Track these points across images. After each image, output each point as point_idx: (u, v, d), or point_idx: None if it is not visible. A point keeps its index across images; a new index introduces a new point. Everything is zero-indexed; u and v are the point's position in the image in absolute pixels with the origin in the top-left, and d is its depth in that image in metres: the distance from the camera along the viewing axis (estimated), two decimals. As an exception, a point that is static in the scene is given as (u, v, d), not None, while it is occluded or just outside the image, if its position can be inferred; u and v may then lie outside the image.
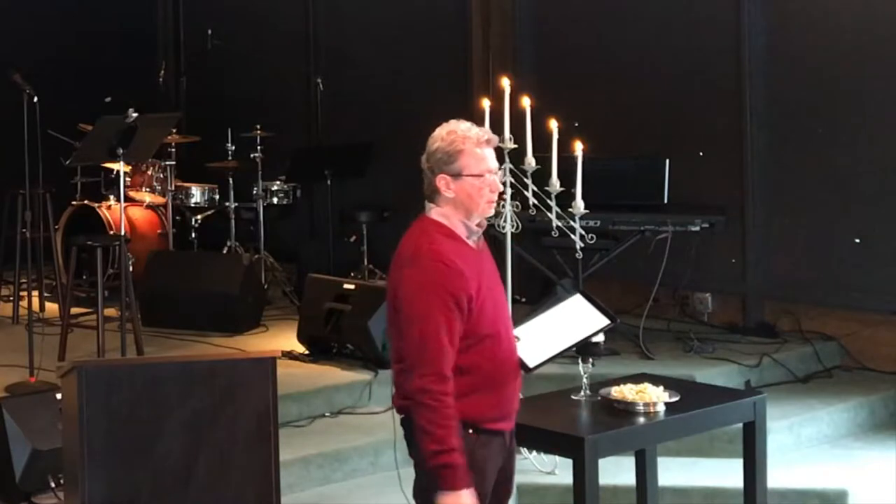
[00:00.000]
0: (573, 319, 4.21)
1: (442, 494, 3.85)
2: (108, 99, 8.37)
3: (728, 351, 7.34)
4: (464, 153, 4.01)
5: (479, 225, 4.10)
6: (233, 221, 9.19)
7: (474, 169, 4.02)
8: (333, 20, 10.30)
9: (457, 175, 4.01)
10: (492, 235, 7.47)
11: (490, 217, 5.93)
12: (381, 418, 6.48)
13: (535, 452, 6.11)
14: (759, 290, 7.94)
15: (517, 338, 4.15)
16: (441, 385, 3.87)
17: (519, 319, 4.41)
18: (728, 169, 7.98)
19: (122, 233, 7.33)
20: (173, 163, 9.04)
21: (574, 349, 4.23)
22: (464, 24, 9.34)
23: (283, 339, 7.67)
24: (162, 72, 10.32)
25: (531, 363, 4.13)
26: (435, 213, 4.06)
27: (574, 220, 5.95)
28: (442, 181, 4.01)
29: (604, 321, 4.17)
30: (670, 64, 8.23)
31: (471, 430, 3.99)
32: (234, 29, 10.49)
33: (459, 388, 3.93)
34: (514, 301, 6.40)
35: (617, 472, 5.68)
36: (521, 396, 4.22)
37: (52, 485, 5.57)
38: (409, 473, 4.25)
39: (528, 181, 6.01)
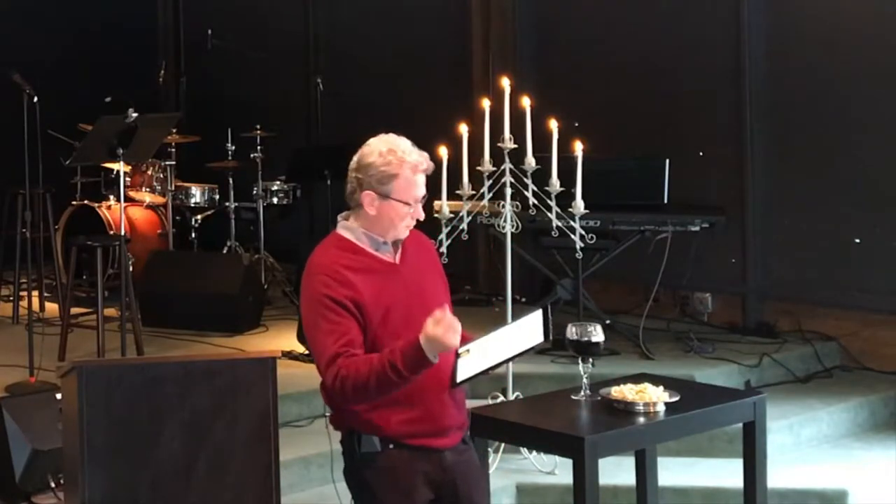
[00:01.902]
0: (521, 334, 4.07)
1: (431, 356, 3.78)
2: (108, 99, 8.37)
3: (728, 351, 7.34)
4: (398, 178, 3.98)
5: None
6: (233, 221, 9.20)
7: (404, 196, 3.99)
8: (333, 20, 10.30)
9: (385, 196, 3.99)
10: (492, 235, 7.51)
11: (490, 217, 5.94)
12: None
13: (535, 452, 6.11)
14: (759, 290, 7.94)
15: (467, 351, 4.01)
16: (335, 362, 3.85)
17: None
18: (728, 169, 7.99)
19: (122, 233, 7.32)
20: (173, 163, 9.04)
21: (504, 365, 4.13)
22: (464, 24, 9.34)
23: (283, 339, 7.67)
24: (162, 72, 10.32)
25: (459, 377, 4.01)
26: (341, 227, 4.08)
27: (574, 220, 5.95)
28: (367, 198, 3.99)
29: (537, 339, 3.99)
30: (670, 64, 8.23)
31: (391, 446, 3.99)
32: (234, 29, 10.49)
33: (376, 401, 3.93)
34: (514, 301, 6.40)
35: (617, 472, 5.68)
36: (467, 409, 4.17)
37: (52, 485, 5.57)
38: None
39: (528, 181, 6.01)
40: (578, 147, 5.90)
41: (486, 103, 6.22)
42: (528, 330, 4.05)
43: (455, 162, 6.01)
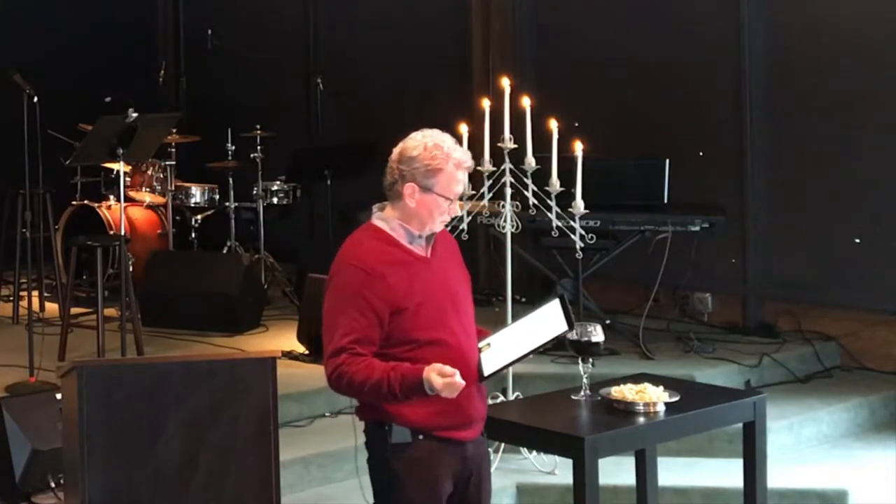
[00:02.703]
0: (541, 325, 4.15)
1: (428, 391, 3.88)
2: (108, 99, 8.36)
3: (728, 351, 7.34)
4: (443, 172, 4.05)
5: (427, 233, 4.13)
6: (233, 221, 9.19)
7: (446, 190, 4.06)
8: (333, 20, 10.30)
9: (427, 190, 4.05)
10: (492, 235, 7.50)
11: (490, 217, 5.95)
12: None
13: (535, 452, 6.11)
14: (759, 290, 7.94)
15: (488, 345, 4.12)
16: (339, 356, 3.96)
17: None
18: (728, 169, 7.99)
19: (122, 233, 7.33)
20: (173, 163, 9.04)
21: (531, 356, 4.17)
22: (464, 24, 9.34)
23: (283, 339, 7.67)
24: (162, 72, 10.32)
25: (486, 371, 4.10)
26: (376, 217, 4.14)
27: (574, 220, 5.95)
28: (409, 189, 4.05)
29: (561, 328, 4.09)
30: (670, 64, 8.23)
31: (420, 437, 4.04)
32: (234, 29, 10.49)
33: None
34: (514, 301, 6.40)
35: (617, 472, 5.68)
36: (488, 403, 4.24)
37: (52, 485, 5.57)
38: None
39: (528, 181, 6.01)
40: (578, 147, 5.90)
41: (486, 103, 6.22)
42: (548, 320, 4.12)
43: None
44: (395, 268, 4.02)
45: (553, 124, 5.99)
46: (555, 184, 5.96)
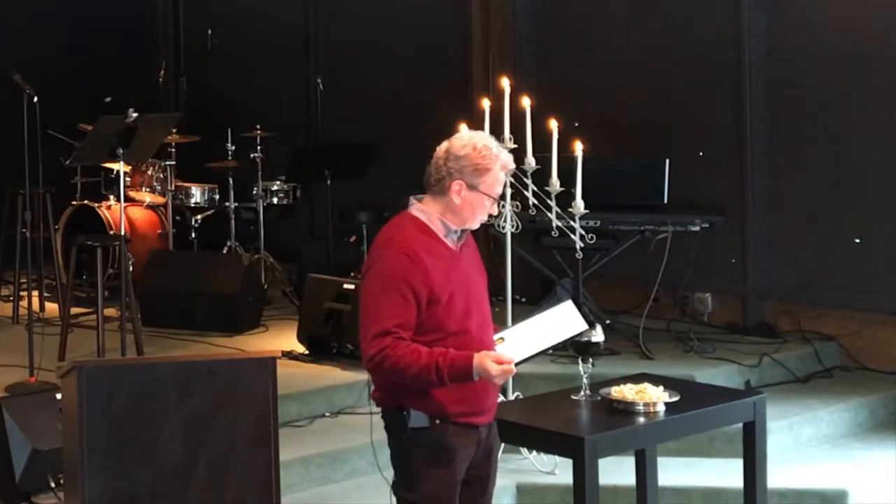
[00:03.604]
0: (556, 324, 4.32)
1: (475, 377, 4.03)
2: (108, 99, 8.35)
3: (728, 351, 7.34)
4: (490, 172, 4.20)
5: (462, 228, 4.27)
6: (233, 221, 9.19)
7: (490, 190, 4.21)
8: (333, 20, 10.30)
9: (473, 188, 4.19)
10: (492, 235, 7.50)
11: (490, 217, 5.97)
12: (381, 418, 6.47)
13: (535, 452, 6.11)
14: (759, 290, 7.94)
15: (502, 339, 4.27)
16: (384, 339, 4.04)
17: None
18: (728, 169, 7.99)
19: (122, 233, 7.33)
20: (173, 163, 9.04)
21: (551, 350, 4.33)
22: (464, 24, 9.34)
23: (283, 339, 7.67)
24: (162, 72, 10.32)
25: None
26: (415, 208, 4.25)
27: (574, 220, 5.95)
28: (457, 186, 4.19)
29: (581, 326, 4.27)
30: (670, 64, 8.23)
31: (438, 421, 4.16)
32: (234, 29, 10.49)
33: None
34: (514, 301, 6.40)
35: (617, 472, 5.68)
36: (500, 396, 4.35)
37: (52, 485, 5.57)
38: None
39: (528, 181, 6.01)
40: (578, 147, 5.90)
41: (486, 103, 6.22)
42: (563, 320, 4.30)
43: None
44: (433, 258, 4.16)
45: (553, 124, 5.99)
46: (555, 184, 5.96)
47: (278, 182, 9.24)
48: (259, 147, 9.17)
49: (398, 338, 4.05)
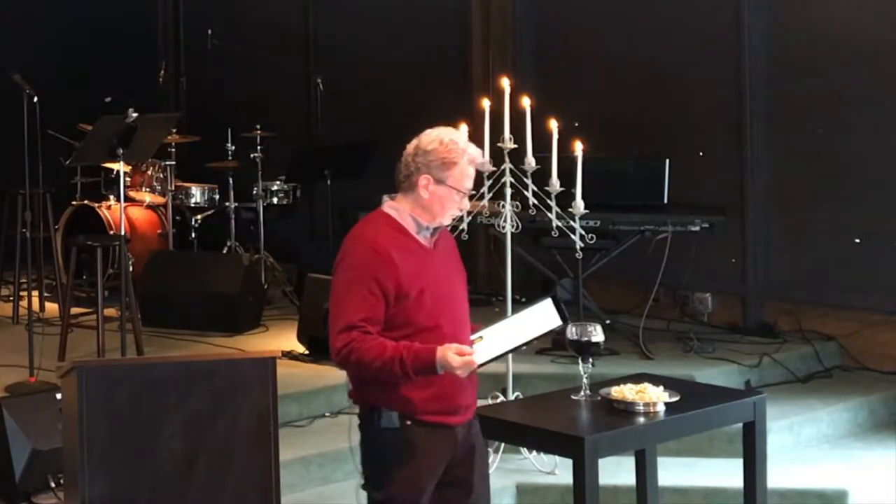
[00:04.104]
0: (534, 321, 4.33)
1: (439, 370, 4.06)
2: (108, 99, 8.35)
3: (728, 351, 7.34)
4: (457, 166, 4.22)
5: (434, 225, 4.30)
6: (233, 221, 9.19)
7: (458, 183, 4.23)
8: (333, 20, 10.30)
9: (440, 182, 4.22)
10: (492, 235, 7.50)
11: (490, 217, 5.97)
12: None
13: (535, 452, 6.11)
14: (759, 290, 7.94)
15: (480, 338, 4.28)
16: (351, 332, 4.08)
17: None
18: (728, 169, 7.99)
19: (122, 233, 7.33)
20: (173, 163, 9.04)
21: (524, 347, 4.34)
22: (464, 24, 9.34)
23: (283, 339, 7.67)
24: (162, 72, 10.32)
25: (477, 361, 4.23)
26: (388, 206, 4.30)
27: (574, 220, 5.95)
28: (424, 180, 4.22)
29: (555, 323, 4.28)
30: (670, 64, 8.23)
31: (408, 422, 4.18)
32: (234, 29, 10.48)
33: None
34: (514, 301, 6.40)
35: (617, 472, 5.68)
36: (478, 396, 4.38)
37: (52, 485, 5.57)
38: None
39: (528, 181, 6.01)
40: (578, 147, 5.90)
41: (486, 103, 6.22)
42: (540, 317, 4.29)
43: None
44: (403, 254, 4.18)
45: (553, 124, 5.98)
46: (555, 184, 5.96)
47: (278, 182, 9.23)
48: (259, 147, 9.17)
49: (364, 332, 4.09)
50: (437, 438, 4.22)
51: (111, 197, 8.85)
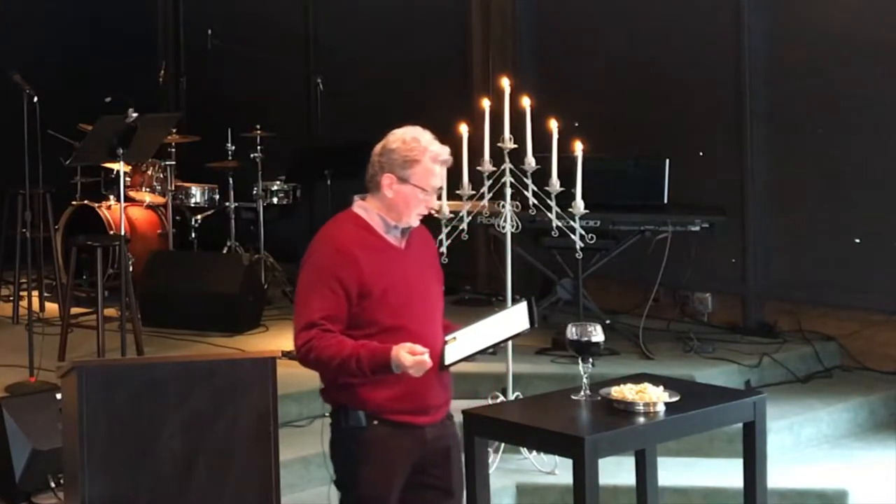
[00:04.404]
0: (506, 323, 4.35)
1: (394, 368, 4.08)
2: (108, 99, 8.35)
3: (728, 351, 7.34)
4: (419, 164, 4.28)
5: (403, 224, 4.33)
6: (233, 221, 9.19)
7: (421, 181, 4.28)
8: (333, 20, 10.30)
9: (404, 181, 4.28)
10: (492, 235, 7.50)
11: (490, 217, 5.97)
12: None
13: (535, 452, 6.11)
14: (759, 290, 7.94)
15: (454, 339, 4.29)
16: (311, 331, 4.13)
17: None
18: (728, 169, 7.99)
19: (122, 233, 7.33)
20: (173, 163, 9.04)
21: (491, 350, 4.34)
22: (464, 24, 9.34)
23: (283, 339, 7.65)
24: (162, 72, 10.32)
25: (447, 360, 4.27)
26: (357, 206, 4.35)
27: (574, 220, 5.95)
28: (387, 180, 4.29)
29: (523, 326, 4.28)
30: (670, 64, 8.23)
31: (375, 421, 4.23)
32: (234, 29, 10.49)
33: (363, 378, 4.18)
34: (514, 301, 6.39)
35: (617, 472, 5.68)
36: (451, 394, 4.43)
37: (52, 485, 5.57)
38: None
39: (528, 181, 6.01)
40: (578, 147, 5.90)
41: (486, 103, 6.22)
42: (514, 318, 4.31)
43: (455, 162, 5.99)
44: (367, 252, 4.23)
45: (553, 124, 5.98)
46: (555, 184, 5.96)
47: (278, 182, 9.24)
48: (259, 147, 9.17)
49: (325, 330, 4.13)
50: (404, 438, 4.25)
51: (111, 197, 8.85)
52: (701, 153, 8.09)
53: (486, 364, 6.94)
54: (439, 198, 4.53)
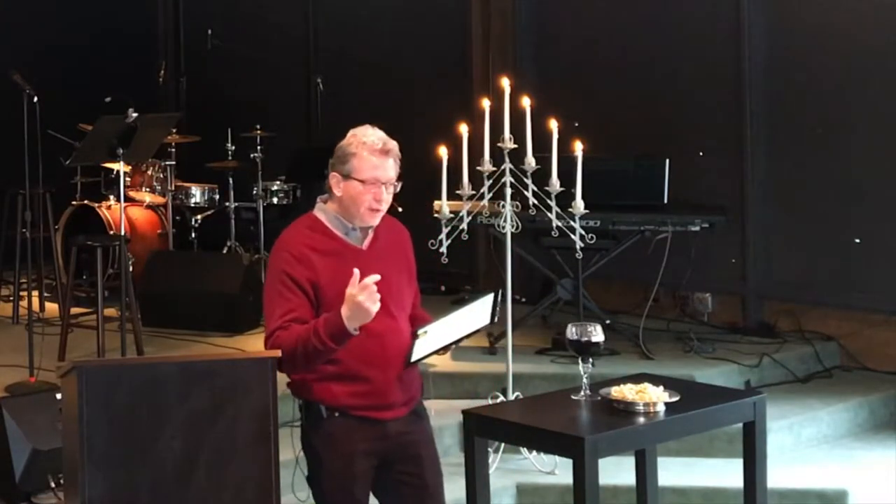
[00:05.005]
0: (471, 317, 4.39)
1: (348, 324, 4.10)
2: (108, 99, 8.36)
3: (728, 351, 7.34)
4: (355, 157, 4.32)
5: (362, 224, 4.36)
6: (233, 221, 9.19)
7: (361, 174, 4.31)
8: (333, 20, 10.30)
9: (346, 176, 4.33)
10: (492, 235, 7.50)
11: (490, 217, 5.97)
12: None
13: (535, 452, 6.11)
14: (759, 290, 7.94)
15: (425, 332, 4.28)
16: (274, 333, 4.22)
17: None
18: (728, 169, 7.99)
19: (122, 233, 7.32)
20: (173, 163, 9.04)
21: (454, 346, 4.40)
22: (464, 24, 9.34)
23: (283, 340, 7.65)
24: (162, 72, 10.31)
25: (413, 357, 4.30)
26: (317, 208, 4.41)
27: (574, 220, 5.95)
28: (333, 179, 4.36)
29: (484, 321, 4.35)
30: (670, 64, 8.23)
31: (336, 414, 4.30)
32: (234, 29, 10.49)
33: (322, 373, 4.28)
34: (514, 301, 6.40)
35: (617, 472, 5.68)
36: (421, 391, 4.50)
37: (52, 485, 5.57)
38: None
39: (528, 181, 6.01)
40: (578, 147, 5.89)
41: (486, 103, 6.22)
42: (478, 313, 4.38)
43: (455, 162, 6.01)
44: (321, 254, 4.28)
45: (553, 124, 5.98)
46: (555, 184, 5.96)
47: (278, 182, 9.23)
48: (259, 147, 9.17)
49: (285, 329, 4.19)
50: (364, 430, 4.31)
51: (111, 197, 8.85)
52: (701, 153, 8.10)
53: (486, 364, 6.97)
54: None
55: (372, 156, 4.30)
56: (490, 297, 4.35)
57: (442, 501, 4.52)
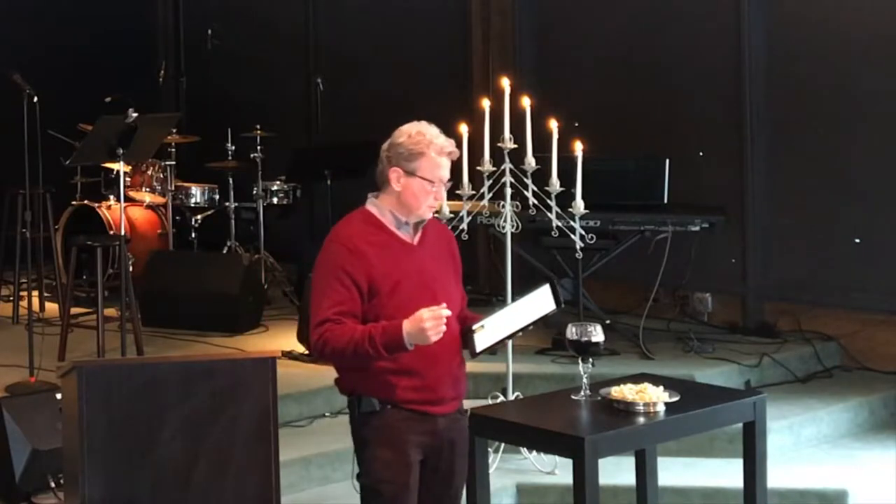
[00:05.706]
0: (532, 307, 4.41)
1: (406, 340, 4.13)
2: (108, 99, 8.36)
3: (728, 351, 7.34)
4: (424, 156, 4.33)
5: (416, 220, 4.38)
6: (233, 221, 9.19)
7: (428, 173, 4.33)
8: (333, 20, 10.30)
9: (410, 173, 4.32)
10: (492, 235, 7.50)
11: (490, 217, 5.99)
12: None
13: (535, 452, 6.11)
14: (759, 290, 7.94)
15: (482, 326, 4.35)
16: (324, 325, 4.19)
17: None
18: (728, 169, 7.98)
19: (122, 233, 7.32)
20: (173, 163, 9.04)
21: (521, 333, 4.42)
22: (464, 24, 9.34)
23: (283, 339, 7.67)
24: (162, 72, 10.32)
25: (478, 348, 4.36)
26: (370, 203, 4.39)
27: (574, 220, 5.95)
28: (394, 174, 4.33)
29: (549, 307, 4.35)
30: (670, 63, 8.23)
31: (389, 406, 4.28)
32: (234, 29, 10.49)
33: (376, 368, 4.25)
34: (514, 301, 6.39)
35: (617, 472, 5.68)
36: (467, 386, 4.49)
37: (52, 485, 5.57)
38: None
39: (528, 181, 6.01)
40: (578, 147, 5.89)
41: (486, 103, 6.22)
42: (538, 301, 4.38)
43: (455, 162, 5.99)
44: (377, 248, 4.28)
45: (553, 124, 5.98)
46: (555, 184, 5.96)
47: (278, 182, 9.24)
48: (259, 147, 9.17)
49: (337, 322, 4.18)
50: (416, 424, 4.30)
51: (111, 197, 8.85)
52: (701, 153, 8.09)
53: (486, 364, 6.95)
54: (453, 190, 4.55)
55: (440, 157, 4.34)
56: (547, 287, 4.37)
57: (460, 498, 4.53)
